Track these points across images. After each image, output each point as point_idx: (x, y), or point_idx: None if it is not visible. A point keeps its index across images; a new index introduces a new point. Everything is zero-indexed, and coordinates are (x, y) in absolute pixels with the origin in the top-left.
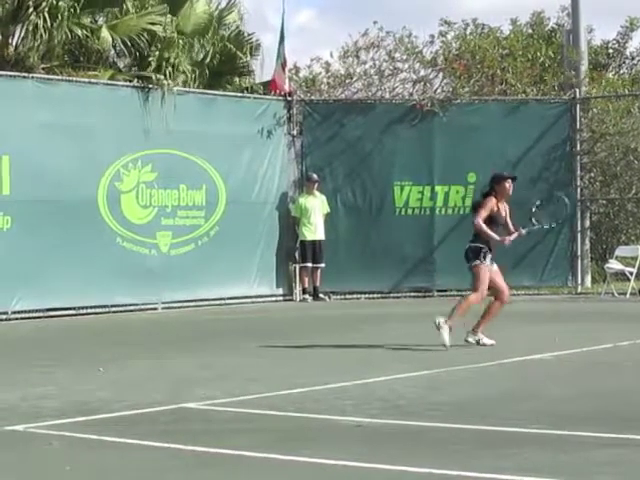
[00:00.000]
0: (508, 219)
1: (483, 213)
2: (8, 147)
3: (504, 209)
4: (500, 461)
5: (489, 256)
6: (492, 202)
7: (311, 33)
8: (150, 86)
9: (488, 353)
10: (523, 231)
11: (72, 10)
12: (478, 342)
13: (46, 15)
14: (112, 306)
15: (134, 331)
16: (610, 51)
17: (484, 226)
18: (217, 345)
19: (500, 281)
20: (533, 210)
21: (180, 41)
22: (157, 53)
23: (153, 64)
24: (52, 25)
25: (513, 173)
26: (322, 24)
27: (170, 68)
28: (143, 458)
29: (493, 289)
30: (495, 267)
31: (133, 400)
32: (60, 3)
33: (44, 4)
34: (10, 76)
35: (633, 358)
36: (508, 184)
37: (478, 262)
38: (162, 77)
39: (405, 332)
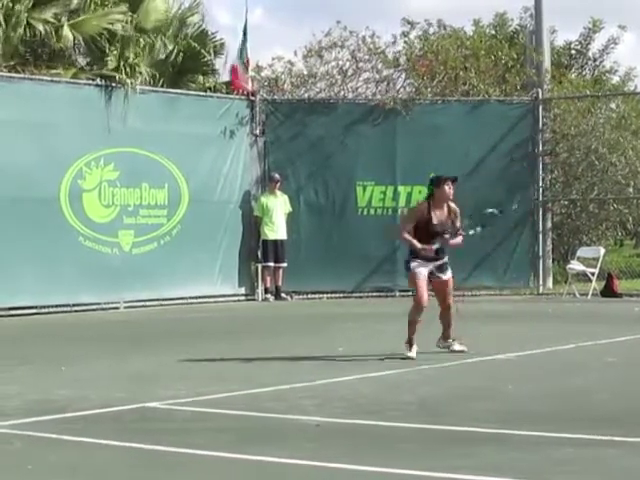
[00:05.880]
0: (456, 222)
1: (406, 226)
2: None
3: (444, 214)
4: (459, 460)
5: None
6: (416, 211)
7: (261, 31)
8: (113, 85)
9: (451, 353)
10: (458, 239)
11: (28, 6)
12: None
13: (0, 19)
14: (74, 305)
15: (96, 330)
16: (572, 52)
17: (406, 235)
18: (180, 344)
19: None
20: (488, 213)
21: (140, 40)
22: (116, 52)
23: (112, 63)
24: (7, 25)
25: (453, 175)
26: (271, 22)
27: (128, 67)
28: (104, 457)
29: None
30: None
31: (95, 399)
32: (16, 7)
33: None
34: None
35: (594, 359)
36: (448, 187)
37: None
38: (124, 76)
39: (368, 332)
